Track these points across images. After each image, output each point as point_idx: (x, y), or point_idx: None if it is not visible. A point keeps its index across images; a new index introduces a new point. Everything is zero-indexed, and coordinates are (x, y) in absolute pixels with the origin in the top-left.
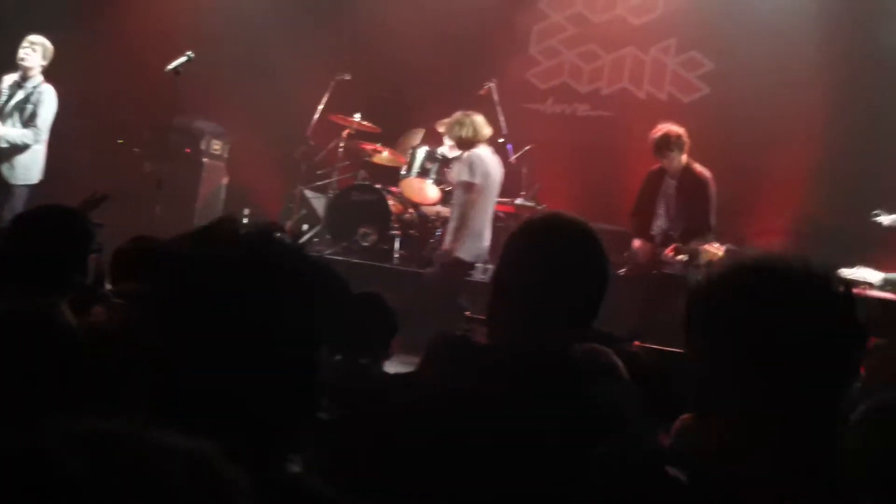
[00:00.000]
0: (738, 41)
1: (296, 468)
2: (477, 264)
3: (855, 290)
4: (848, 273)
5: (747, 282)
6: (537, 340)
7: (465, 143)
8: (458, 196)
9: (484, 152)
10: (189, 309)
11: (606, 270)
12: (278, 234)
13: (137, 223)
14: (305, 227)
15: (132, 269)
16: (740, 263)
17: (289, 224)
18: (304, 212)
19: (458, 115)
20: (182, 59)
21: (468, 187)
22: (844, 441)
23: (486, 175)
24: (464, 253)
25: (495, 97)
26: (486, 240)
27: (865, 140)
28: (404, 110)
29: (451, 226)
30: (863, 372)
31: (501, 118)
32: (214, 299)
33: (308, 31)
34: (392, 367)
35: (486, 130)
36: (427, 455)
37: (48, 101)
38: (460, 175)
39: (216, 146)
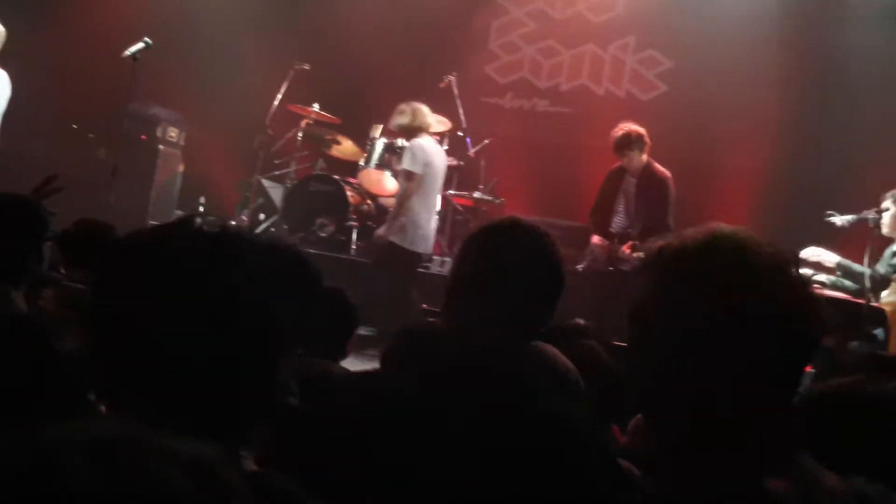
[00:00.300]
0: (696, 41)
1: (251, 464)
2: (434, 257)
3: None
4: (805, 253)
5: (709, 265)
6: (491, 337)
7: (408, 132)
8: (399, 184)
9: (426, 142)
10: (146, 303)
11: (561, 273)
12: (241, 231)
13: (91, 210)
14: (262, 216)
15: (81, 254)
16: (697, 247)
17: (245, 214)
18: (261, 201)
19: (401, 105)
20: (139, 46)
21: (408, 176)
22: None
23: (428, 165)
24: (399, 238)
25: (455, 90)
26: (428, 229)
27: (820, 141)
28: (363, 101)
29: (391, 213)
30: (811, 370)
31: (461, 111)
32: (172, 293)
33: (267, 19)
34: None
35: (430, 120)
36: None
37: (1, 87)
38: (402, 163)
39: (172, 134)
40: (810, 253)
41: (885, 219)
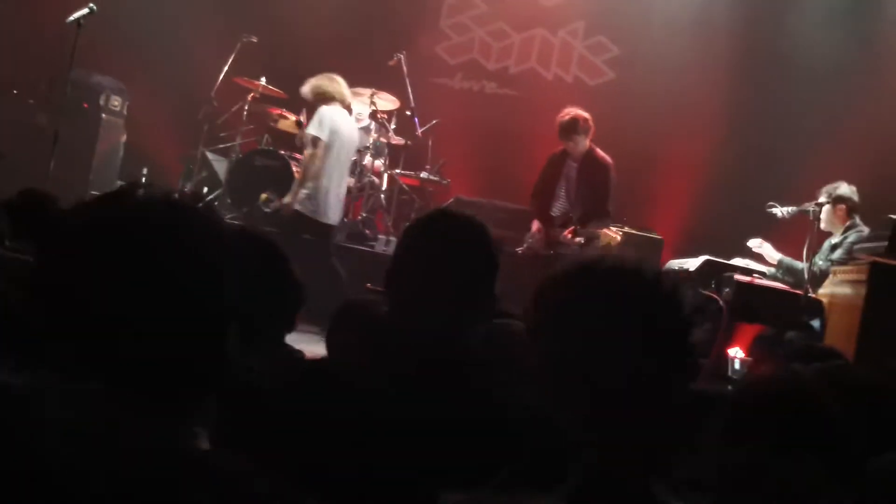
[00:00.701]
0: (644, 29)
1: (205, 442)
2: (379, 236)
3: (746, 279)
4: (750, 243)
5: (578, 284)
6: (434, 321)
7: (319, 99)
8: (305, 151)
9: (336, 110)
10: (92, 273)
11: (492, 254)
12: (192, 202)
13: (30, 179)
14: (206, 190)
15: (25, 225)
16: (574, 268)
17: (189, 187)
18: (204, 174)
19: (321, 75)
20: (84, 11)
21: (314, 142)
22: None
23: (335, 132)
24: (304, 207)
25: (404, 69)
26: (335, 199)
27: (763, 132)
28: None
29: (296, 180)
30: (749, 359)
31: (409, 90)
32: (118, 263)
33: None
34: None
35: (346, 93)
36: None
37: None
38: (308, 129)
39: (115, 103)
40: (754, 244)
41: (822, 213)
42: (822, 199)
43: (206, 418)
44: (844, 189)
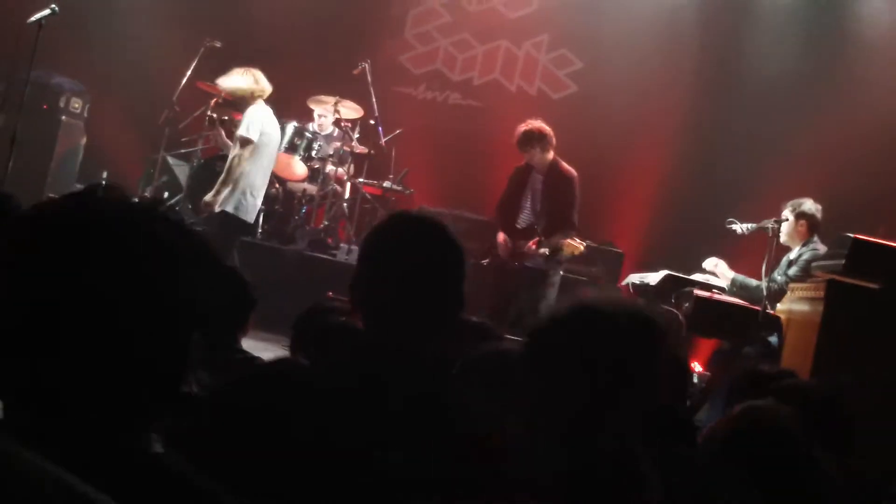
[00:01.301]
0: (607, 44)
1: (157, 446)
2: (341, 244)
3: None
4: (705, 263)
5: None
6: (403, 331)
7: (247, 98)
8: (232, 151)
9: (263, 110)
10: (49, 277)
11: (459, 259)
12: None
13: None
14: (166, 194)
15: None
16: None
17: (149, 191)
18: (165, 178)
19: (237, 68)
20: (45, 13)
21: (244, 143)
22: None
23: (265, 134)
24: (232, 207)
25: (368, 78)
26: (259, 200)
27: (724, 147)
28: (274, 83)
29: (220, 181)
30: (707, 373)
31: (374, 99)
32: (79, 267)
33: None
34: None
35: (265, 86)
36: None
37: None
38: (239, 130)
39: (76, 104)
40: (710, 264)
41: (784, 227)
42: (785, 214)
43: (160, 422)
44: (809, 206)
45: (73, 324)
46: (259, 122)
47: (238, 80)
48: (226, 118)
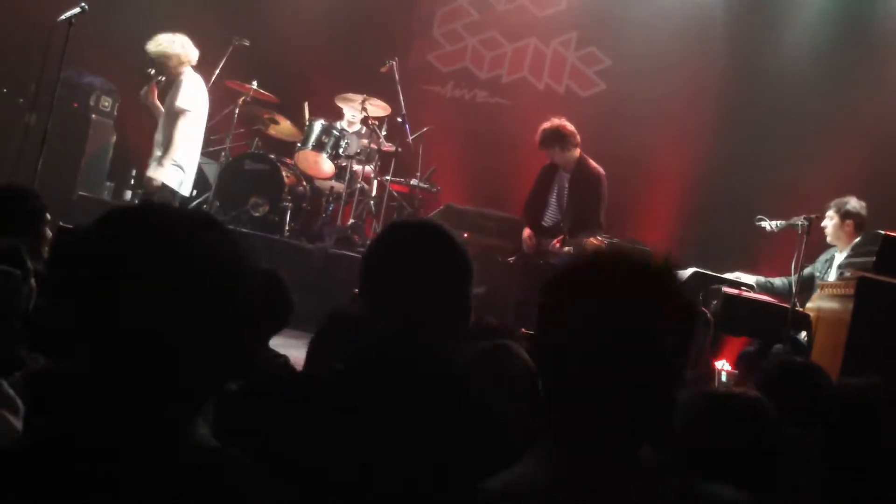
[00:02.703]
0: (635, 41)
1: (210, 438)
2: (368, 242)
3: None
4: (727, 276)
5: (590, 275)
6: (414, 334)
7: (176, 64)
8: (170, 122)
9: (197, 79)
10: (123, 280)
11: (464, 267)
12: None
13: (19, 178)
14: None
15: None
16: (586, 259)
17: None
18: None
19: (163, 35)
20: (75, 11)
21: (183, 113)
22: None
23: (202, 103)
24: (171, 179)
25: (396, 76)
26: (195, 167)
27: (754, 144)
28: (303, 81)
29: (158, 153)
30: (735, 372)
31: (401, 97)
32: (150, 275)
33: None
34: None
35: (193, 53)
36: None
37: None
38: (177, 102)
39: (105, 103)
40: (731, 276)
41: (829, 227)
42: (830, 213)
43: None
44: (854, 204)
45: (134, 326)
46: (195, 90)
47: (166, 45)
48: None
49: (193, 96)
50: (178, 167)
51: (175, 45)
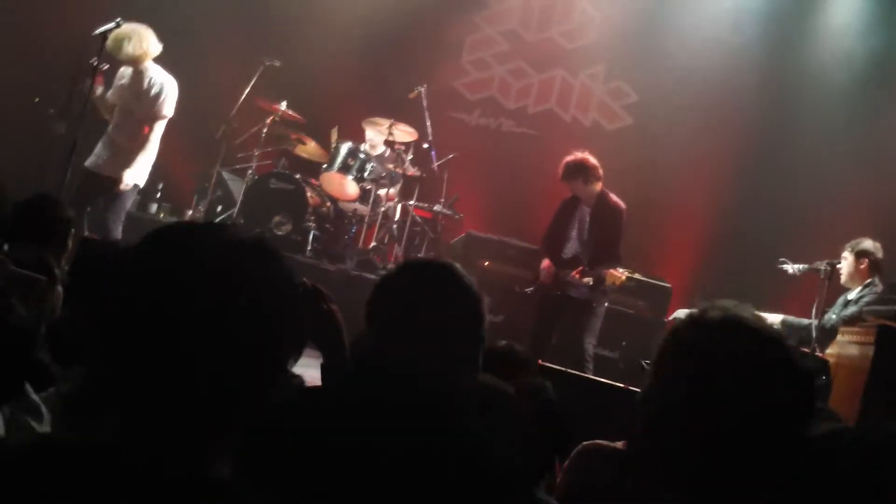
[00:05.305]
0: (663, 76)
1: (226, 470)
2: (389, 265)
3: None
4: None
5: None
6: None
7: (139, 59)
8: (143, 124)
9: (166, 74)
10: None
11: (474, 305)
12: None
13: (47, 187)
14: (219, 208)
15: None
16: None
17: (203, 204)
18: (219, 193)
19: (122, 30)
20: (110, 25)
21: (165, 119)
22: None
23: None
24: (142, 180)
25: (424, 102)
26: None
27: (779, 186)
28: (332, 104)
29: (134, 155)
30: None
31: (428, 123)
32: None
33: (241, 10)
34: None
35: (158, 46)
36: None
37: None
38: (166, 111)
39: None
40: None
41: (844, 266)
42: (845, 253)
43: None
44: (868, 244)
45: (182, 350)
46: (175, 92)
47: (129, 38)
48: (288, 133)
49: (175, 100)
50: (146, 168)
51: (136, 38)
